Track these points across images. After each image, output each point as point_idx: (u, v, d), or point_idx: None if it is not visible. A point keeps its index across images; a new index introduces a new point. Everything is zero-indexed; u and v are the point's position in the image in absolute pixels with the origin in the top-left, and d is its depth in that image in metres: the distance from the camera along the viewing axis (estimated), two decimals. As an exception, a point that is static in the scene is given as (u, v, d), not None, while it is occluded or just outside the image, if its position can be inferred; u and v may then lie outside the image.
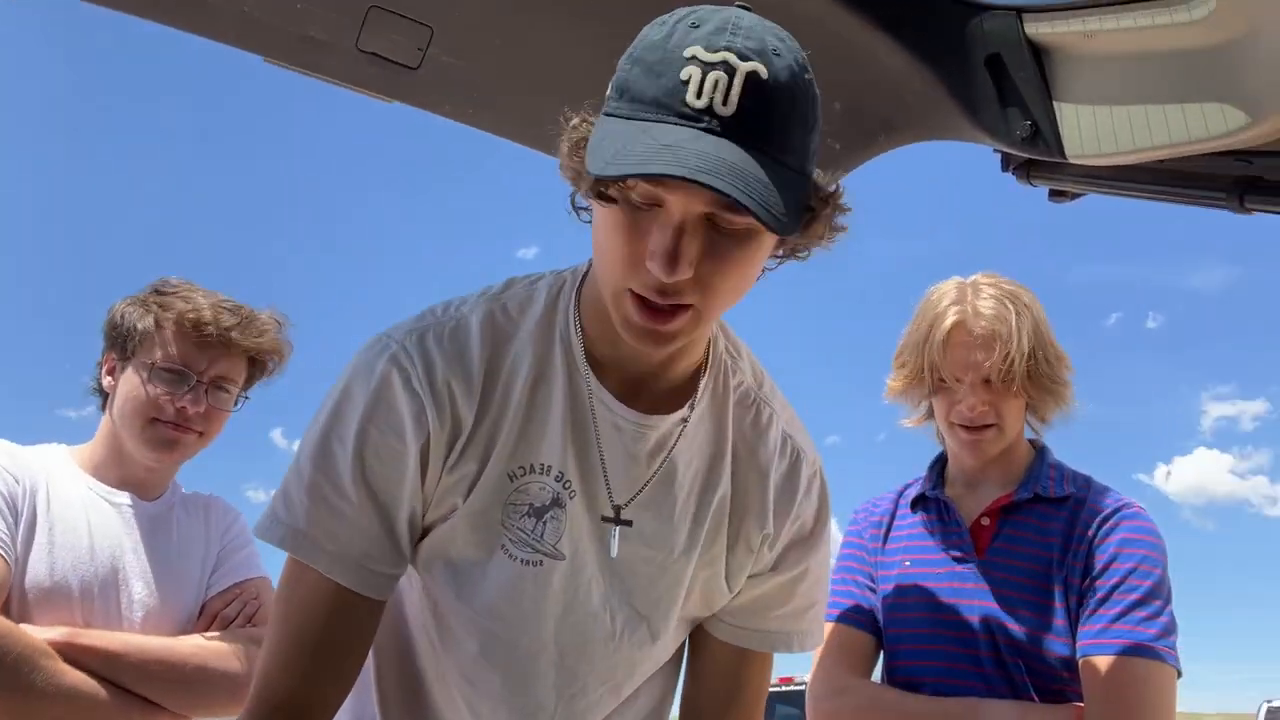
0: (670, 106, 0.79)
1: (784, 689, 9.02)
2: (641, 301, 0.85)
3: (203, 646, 1.51)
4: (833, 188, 0.90)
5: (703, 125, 0.78)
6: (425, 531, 1.02)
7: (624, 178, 0.78)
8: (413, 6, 1.26)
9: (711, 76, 0.78)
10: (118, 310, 1.61)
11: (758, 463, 1.08)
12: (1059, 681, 1.42)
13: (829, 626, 1.58)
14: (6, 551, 1.42)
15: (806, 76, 0.84)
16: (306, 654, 0.97)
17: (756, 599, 1.11)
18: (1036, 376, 1.51)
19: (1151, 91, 1.06)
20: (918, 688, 1.49)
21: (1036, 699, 1.43)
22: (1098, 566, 1.45)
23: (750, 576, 1.10)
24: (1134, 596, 1.41)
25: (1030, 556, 1.50)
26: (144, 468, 1.60)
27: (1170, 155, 1.09)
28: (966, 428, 1.53)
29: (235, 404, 1.64)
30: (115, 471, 1.60)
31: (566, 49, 1.36)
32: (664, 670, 1.17)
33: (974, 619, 1.49)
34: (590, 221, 0.92)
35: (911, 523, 1.63)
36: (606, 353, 0.99)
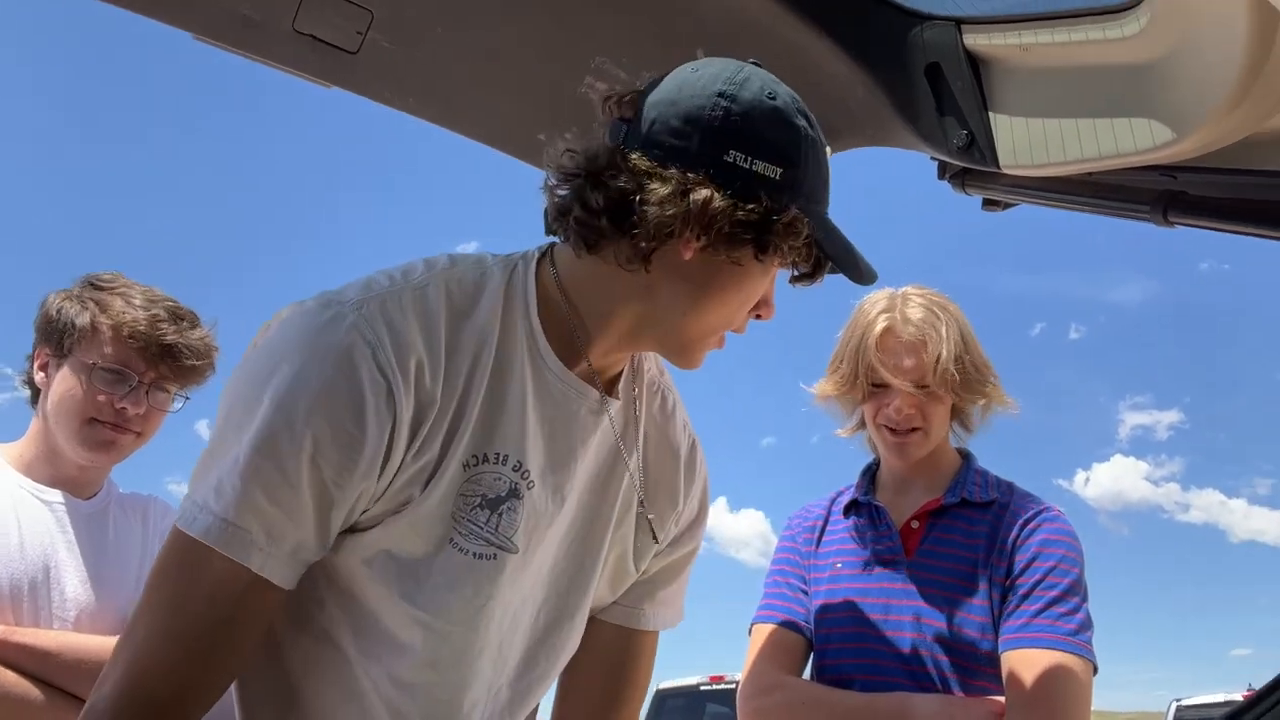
0: (824, 183, 1.00)
1: (714, 687, 9.07)
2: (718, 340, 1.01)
3: None
4: None
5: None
6: (371, 524, 0.93)
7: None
8: (352, -12, 1.23)
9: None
10: (52, 304, 1.57)
11: (670, 444, 1.13)
12: (984, 677, 1.48)
13: (762, 628, 1.64)
14: None
15: None
16: (201, 647, 0.87)
17: (651, 578, 1.15)
18: (964, 382, 1.57)
19: (1082, 105, 1.09)
20: (848, 685, 1.53)
21: (962, 694, 1.48)
22: (1019, 566, 1.51)
23: (655, 554, 1.13)
24: (1053, 594, 1.47)
25: (957, 558, 1.56)
26: (77, 466, 1.57)
27: (1098, 168, 1.12)
28: (893, 430, 1.59)
29: (174, 404, 1.62)
30: (47, 470, 1.57)
31: (509, 39, 1.34)
32: None
33: (903, 618, 1.54)
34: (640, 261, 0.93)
35: (844, 527, 1.68)
36: (556, 347, 0.99)
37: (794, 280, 1.00)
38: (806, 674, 1.63)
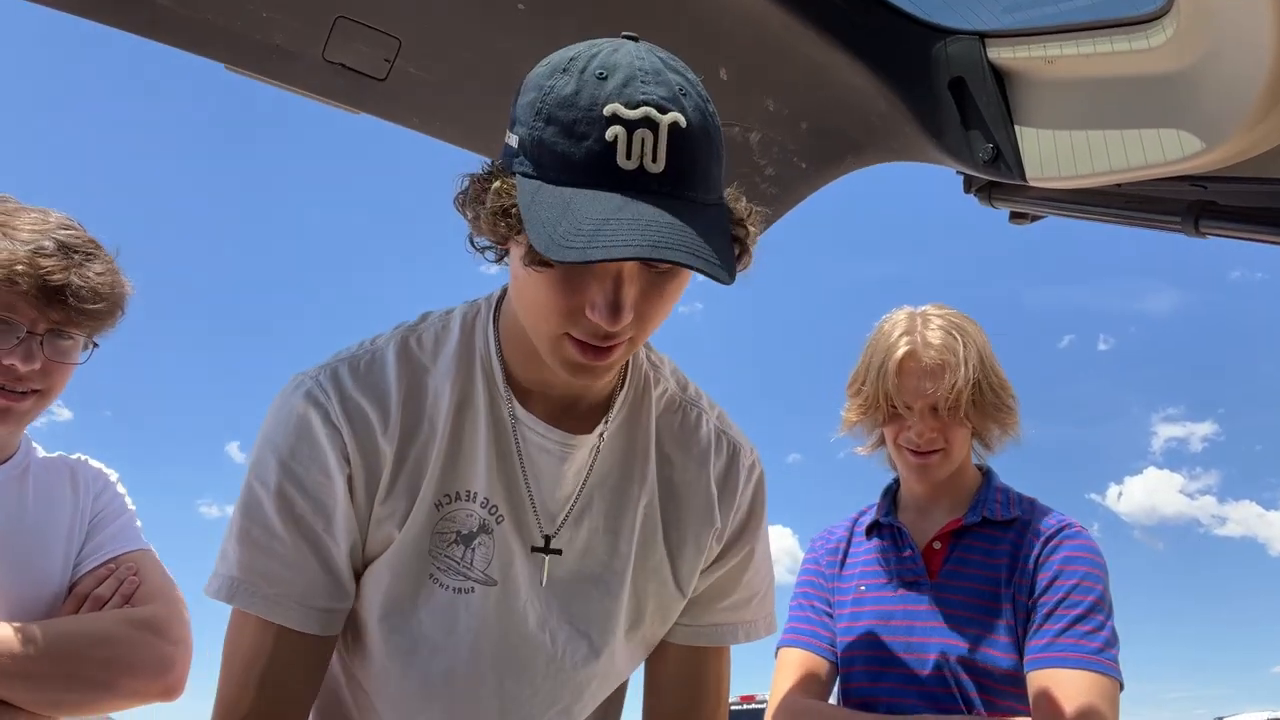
0: (603, 171, 0.78)
1: (745, 707, 8.99)
2: (582, 344, 0.87)
3: (74, 633, 1.24)
4: (744, 207, 0.91)
5: (639, 188, 0.78)
6: (368, 564, 1.02)
7: (589, 263, 0.76)
8: (381, 18, 1.25)
9: (638, 135, 0.78)
10: None
11: (693, 462, 1.10)
12: (1009, 698, 1.47)
13: (789, 652, 1.65)
14: None
15: (710, 107, 0.85)
16: (261, 701, 0.96)
17: (704, 593, 1.13)
18: (981, 405, 1.57)
19: (1110, 116, 1.08)
20: (873, 708, 1.53)
21: (985, 715, 1.47)
22: (1041, 584, 1.50)
23: (700, 572, 1.11)
24: (1076, 612, 1.46)
25: (979, 578, 1.55)
26: None
27: (1127, 179, 1.11)
28: (915, 452, 1.59)
29: (82, 353, 1.34)
30: None
31: (533, 63, 1.36)
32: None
33: (927, 639, 1.53)
34: (494, 261, 0.91)
35: (866, 549, 1.68)
36: (529, 377, 1.00)
37: (528, 263, 0.84)
38: (834, 698, 1.62)
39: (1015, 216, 1.49)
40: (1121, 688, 1.45)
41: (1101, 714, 1.39)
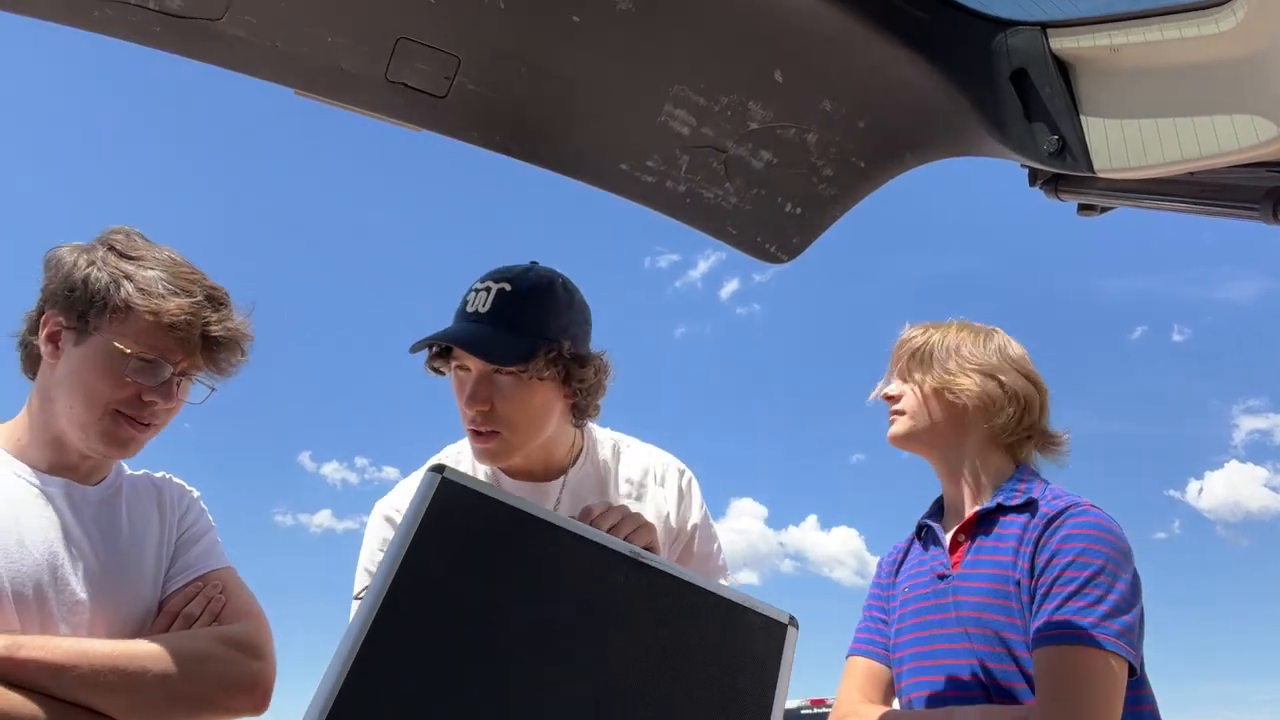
0: (460, 314, 1.53)
1: (816, 711, 8.92)
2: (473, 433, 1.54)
3: (164, 651, 1.28)
4: (587, 355, 1.56)
5: (472, 320, 1.50)
6: None
7: (428, 343, 1.50)
8: (440, 36, 1.28)
9: (479, 295, 1.51)
10: (73, 266, 1.35)
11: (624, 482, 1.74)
12: (1029, 680, 1.47)
13: (851, 660, 1.75)
14: None
15: (554, 284, 1.54)
16: None
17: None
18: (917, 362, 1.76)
19: (1180, 104, 1.05)
20: (914, 704, 1.60)
21: (1014, 703, 1.48)
22: (1039, 565, 1.51)
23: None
24: (1070, 588, 1.45)
25: (991, 563, 1.58)
26: (81, 454, 1.38)
27: (1199, 168, 1.08)
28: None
29: (199, 394, 1.44)
30: (46, 454, 1.37)
31: (588, 73, 1.37)
32: None
33: (951, 630, 1.58)
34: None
35: (916, 553, 1.77)
36: (514, 465, 1.62)
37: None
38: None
39: (1084, 209, 1.45)
40: (1135, 664, 1.41)
41: (1090, 687, 1.37)
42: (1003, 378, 1.69)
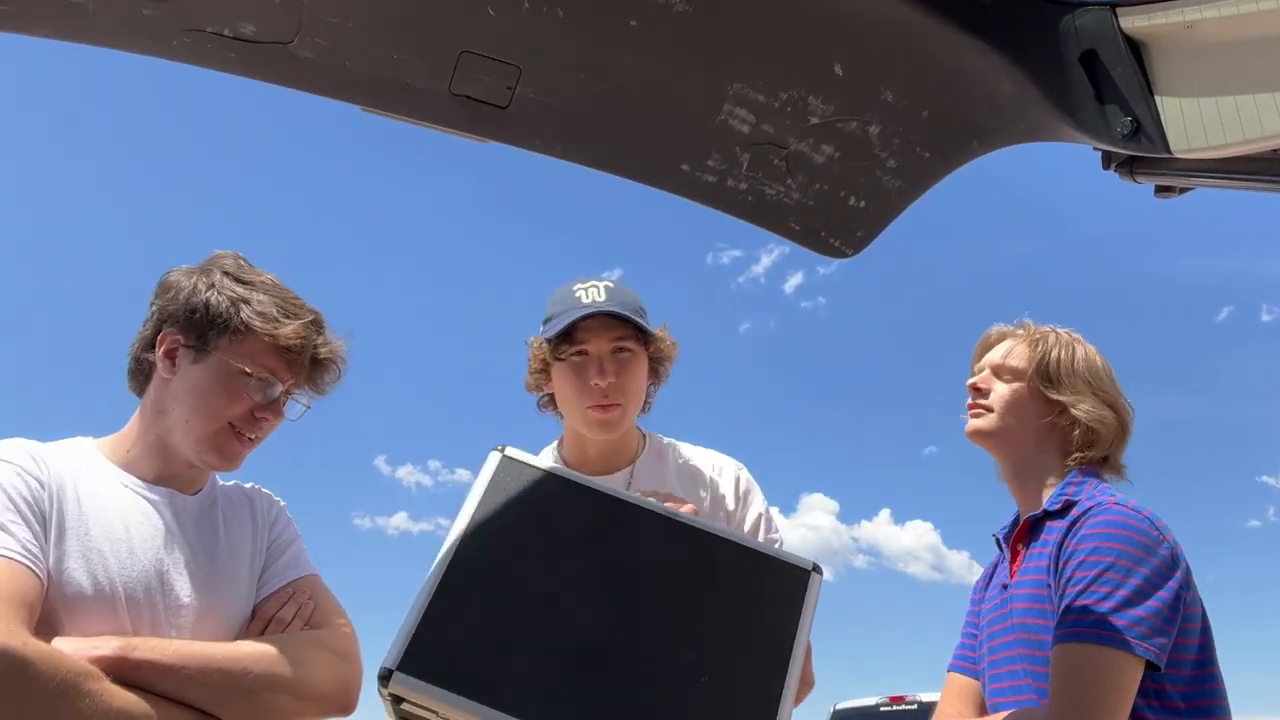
0: (578, 305, 1.80)
1: (895, 708, 8.79)
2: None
3: (266, 652, 1.36)
4: (660, 331, 1.88)
5: (595, 306, 1.79)
6: None
7: (577, 320, 1.78)
8: (501, 48, 1.30)
9: (590, 289, 1.81)
10: (194, 290, 1.45)
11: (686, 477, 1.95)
12: None
13: (948, 675, 1.77)
14: (36, 564, 1.25)
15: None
16: None
17: None
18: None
19: (1260, 79, 1.01)
20: (990, 710, 1.62)
21: None
22: (1062, 570, 1.51)
23: None
24: (1079, 588, 1.45)
25: (1035, 570, 1.58)
26: (187, 465, 1.46)
27: (1284, 144, 1.04)
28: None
29: (300, 414, 1.54)
30: (153, 465, 1.45)
31: (647, 77, 1.38)
32: None
33: (1010, 638, 1.59)
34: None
35: (1001, 563, 1.76)
36: (589, 457, 1.90)
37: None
38: None
39: (1161, 190, 1.41)
40: (1157, 659, 1.38)
41: (1087, 684, 1.36)
42: (1120, 412, 1.68)
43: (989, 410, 1.71)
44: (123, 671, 1.24)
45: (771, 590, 1.34)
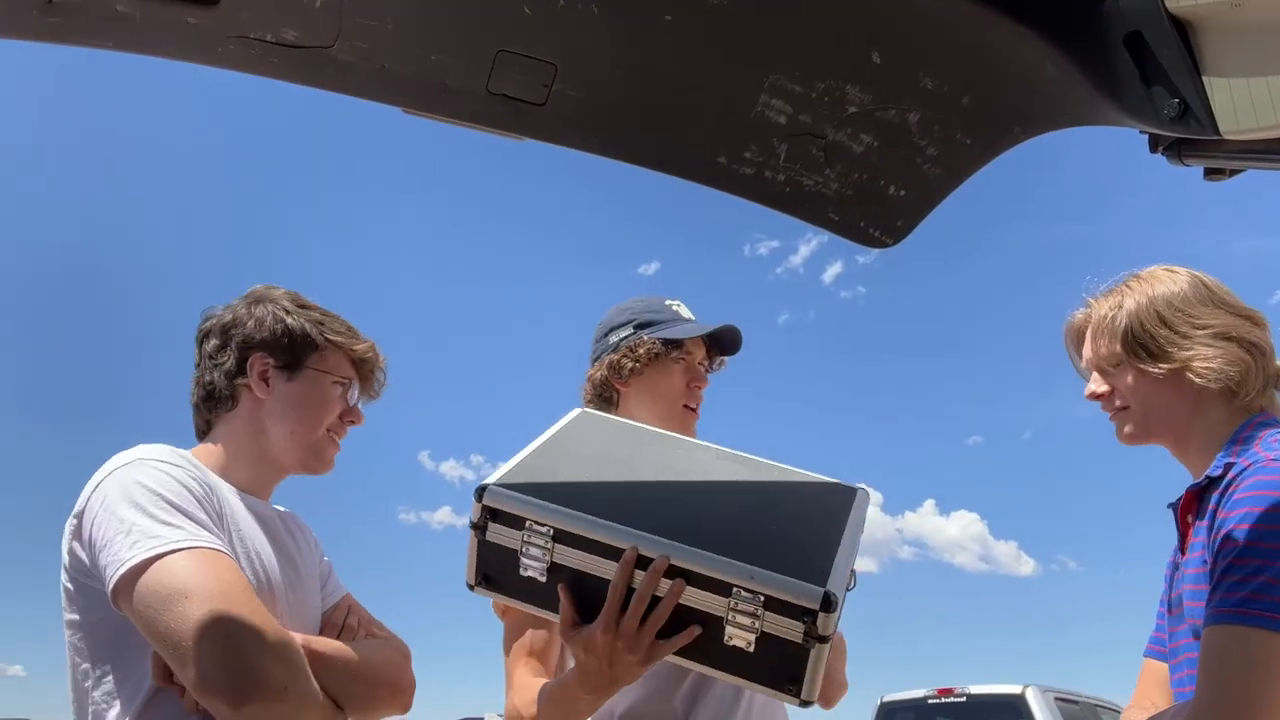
0: (679, 318, 2.05)
1: (943, 700, 8.70)
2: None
3: (357, 652, 1.49)
4: None
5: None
6: None
7: (713, 333, 2.04)
8: (537, 45, 1.31)
9: (683, 306, 2.07)
10: (272, 317, 1.62)
11: None
12: None
13: (1144, 660, 1.66)
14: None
15: None
16: None
17: None
18: (1130, 346, 1.58)
19: (1314, 56, 0.99)
20: (1178, 698, 1.51)
21: None
22: (1213, 543, 1.39)
23: None
24: (1226, 561, 1.33)
25: (1199, 544, 1.47)
26: (274, 474, 1.62)
27: (1339, 123, 1.01)
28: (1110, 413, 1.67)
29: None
30: (244, 474, 1.58)
31: (682, 71, 1.38)
32: None
33: (1182, 625, 1.49)
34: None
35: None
36: None
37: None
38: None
39: (1211, 173, 1.38)
40: None
41: (1236, 670, 1.25)
42: (1238, 333, 1.50)
43: (1125, 409, 1.58)
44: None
45: (818, 497, 1.56)
